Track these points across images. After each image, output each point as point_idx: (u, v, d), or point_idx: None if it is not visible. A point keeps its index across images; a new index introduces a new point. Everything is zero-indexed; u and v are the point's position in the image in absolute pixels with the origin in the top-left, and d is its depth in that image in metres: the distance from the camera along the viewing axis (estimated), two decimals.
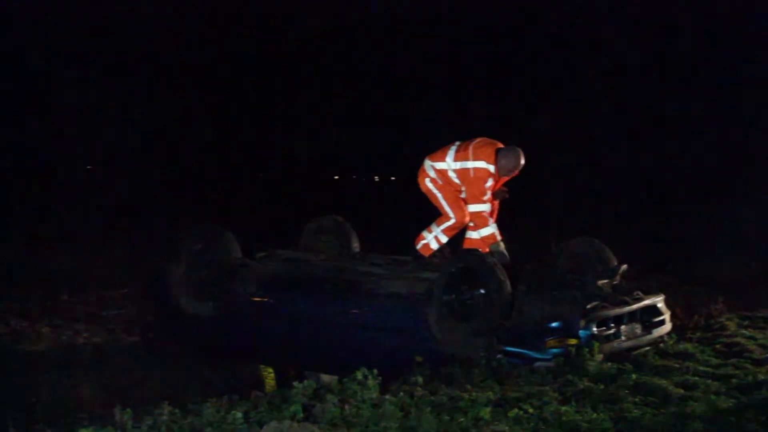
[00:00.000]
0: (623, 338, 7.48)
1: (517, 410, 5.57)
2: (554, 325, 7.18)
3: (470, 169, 8.08)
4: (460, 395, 5.90)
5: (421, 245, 8.52)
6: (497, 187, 8.25)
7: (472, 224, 8.29)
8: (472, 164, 8.08)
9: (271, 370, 8.70)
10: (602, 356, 7.02)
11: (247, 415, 5.23)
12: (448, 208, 8.37)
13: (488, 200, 8.14)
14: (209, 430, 5.01)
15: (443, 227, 8.43)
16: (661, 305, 7.94)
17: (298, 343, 8.26)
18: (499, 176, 8.16)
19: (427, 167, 8.39)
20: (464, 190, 8.25)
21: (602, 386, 6.26)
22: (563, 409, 5.65)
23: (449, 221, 8.39)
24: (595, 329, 7.19)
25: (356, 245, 9.30)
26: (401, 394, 5.85)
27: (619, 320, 7.48)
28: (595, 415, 5.58)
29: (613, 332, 7.39)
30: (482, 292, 7.11)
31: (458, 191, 8.32)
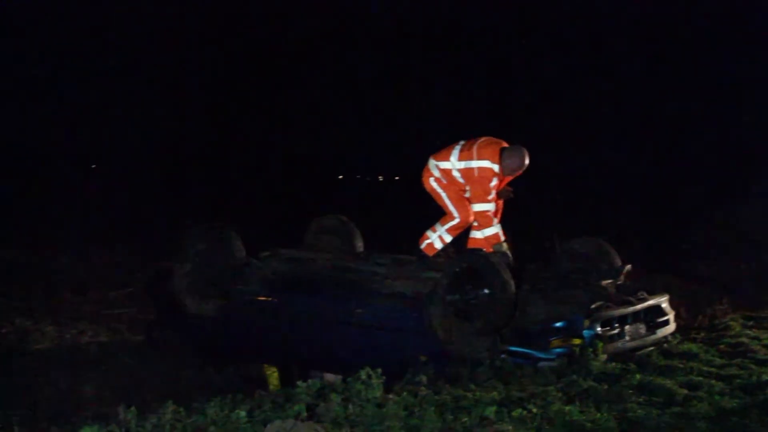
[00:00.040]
0: (627, 338, 7.48)
1: (521, 410, 5.57)
2: (558, 325, 7.18)
3: (474, 168, 8.07)
4: (464, 395, 5.90)
5: (425, 245, 8.50)
6: (502, 186, 8.24)
7: (476, 224, 8.28)
8: (476, 164, 8.06)
9: (275, 369, 8.70)
10: (606, 356, 7.03)
11: (251, 414, 5.23)
12: (452, 207, 8.35)
13: (493, 200, 8.13)
14: (213, 428, 5.01)
15: (447, 227, 8.42)
16: (665, 305, 7.93)
17: (301, 342, 8.27)
18: (503, 176, 8.14)
19: (431, 166, 8.38)
20: (469, 189, 8.24)
21: (606, 386, 6.26)
22: (567, 408, 5.65)
23: (453, 221, 8.38)
24: (599, 329, 7.19)
25: (360, 245, 9.28)
26: (405, 393, 5.85)
27: (623, 320, 7.48)
28: (599, 414, 5.58)
29: (617, 332, 7.39)
30: (486, 291, 7.09)
31: (462, 191, 8.31)
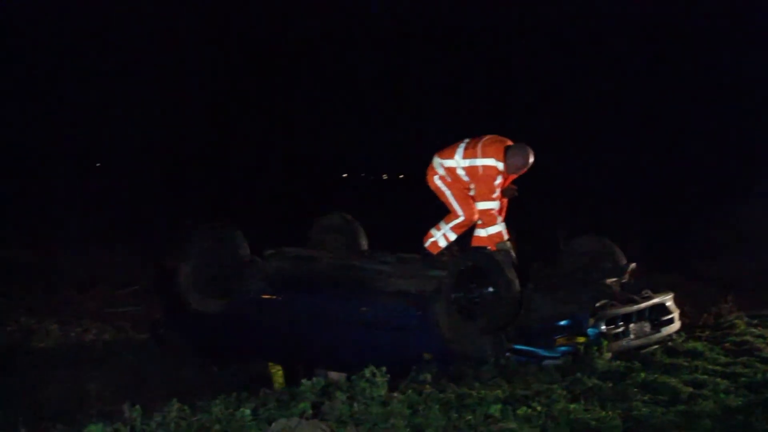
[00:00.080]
0: (632, 336, 7.47)
1: (525, 408, 5.56)
2: (563, 323, 7.18)
3: (479, 166, 8.05)
4: (468, 393, 5.89)
5: (429, 243, 8.49)
6: (506, 184, 8.22)
7: (480, 222, 8.27)
8: (480, 162, 8.04)
9: (279, 367, 8.70)
10: (611, 354, 7.02)
11: (255, 412, 5.22)
12: (456, 205, 8.33)
13: (497, 198, 8.10)
14: (218, 427, 5.01)
15: (452, 225, 8.40)
16: (670, 303, 7.92)
17: (306, 340, 8.26)
18: (507, 174, 8.12)
19: (436, 165, 8.36)
20: (473, 187, 8.22)
21: (611, 384, 6.26)
22: (572, 407, 5.64)
23: (458, 219, 8.36)
24: (603, 327, 7.18)
25: (364, 243, 9.27)
26: (410, 391, 5.84)
27: (627, 318, 7.47)
28: (603, 413, 5.57)
29: (621, 330, 7.38)
30: (491, 290, 7.09)
31: (467, 189, 8.29)
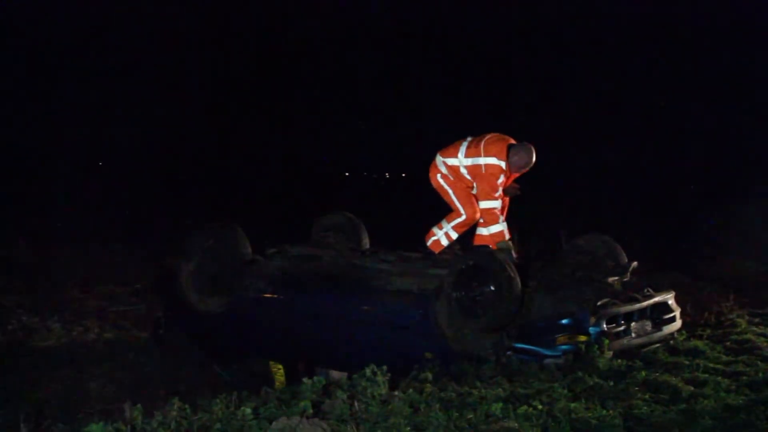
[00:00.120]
0: (633, 335, 7.46)
1: (526, 407, 5.56)
2: (564, 322, 7.17)
3: (482, 165, 8.04)
4: (469, 392, 5.89)
5: (431, 242, 8.49)
6: (508, 183, 8.22)
7: (482, 221, 8.26)
8: (483, 160, 8.03)
9: (280, 366, 8.69)
10: (612, 353, 7.01)
11: (256, 411, 5.23)
12: (459, 204, 8.33)
13: (499, 197, 8.10)
14: (219, 426, 5.01)
15: (454, 224, 8.40)
16: (671, 302, 7.91)
17: (307, 339, 8.26)
18: (510, 173, 8.12)
19: (438, 163, 8.35)
20: (475, 186, 8.22)
21: (612, 383, 6.25)
22: (573, 405, 5.64)
23: (460, 218, 8.36)
24: (605, 326, 7.17)
25: (366, 241, 9.28)
26: (410, 390, 5.84)
27: (629, 317, 7.46)
28: (604, 411, 5.57)
29: (623, 329, 7.37)
30: (492, 289, 7.08)
31: (470, 187, 8.28)
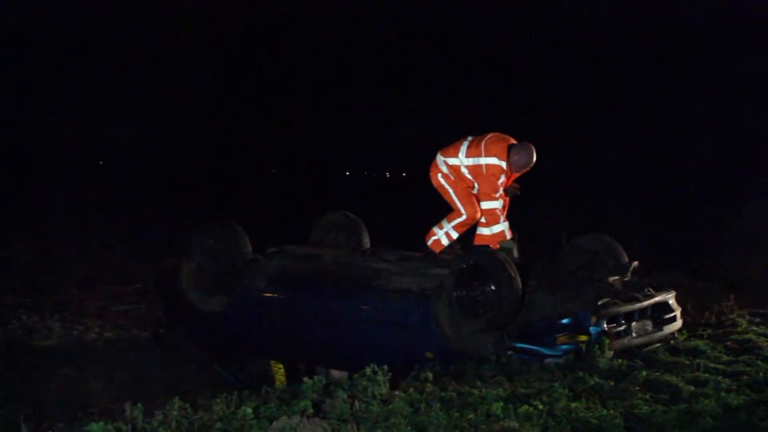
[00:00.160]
0: (634, 335, 7.45)
1: (527, 407, 5.56)
2: (565, 321, 7.16)
3: (482, 165, 8.04)
4: (469, 391, 5.89)
5: (431, 241, 8.49)
6: (509, 183, 8.22)
7: (483, 220, 8.26)
8: (484, 160, 8.03)
9: (281, 365, 8.70)
10: (612, 353, 7.01)
11: (257, 410, 5.22)
12: (459, 204, 8.33)
13: (500, 197, 8.10)
14: (219, 425, 5.01)
15: (454, 223, 8.40)
16: (672, 302, 7.91)
17: (307, 338, 8.27)
18: (510, 172, 8.12)
19: (439, 162, 8.35)
20: (476, 186, 8.21)
21: (612, 383, 6.25)
22: (573, 405, 5.64)
23: (461, 218, 8.36)
24: (605, 326, 7.16)
25: (366, 241, 9.28)
26: (411, 390, 5.84)
27: (629, 317, 7.45)
28: (605, 411, 5.57)
29: (623, 329, 7.36)
30: (493, 288, 7.08)
31: (470, 187, 8.28)
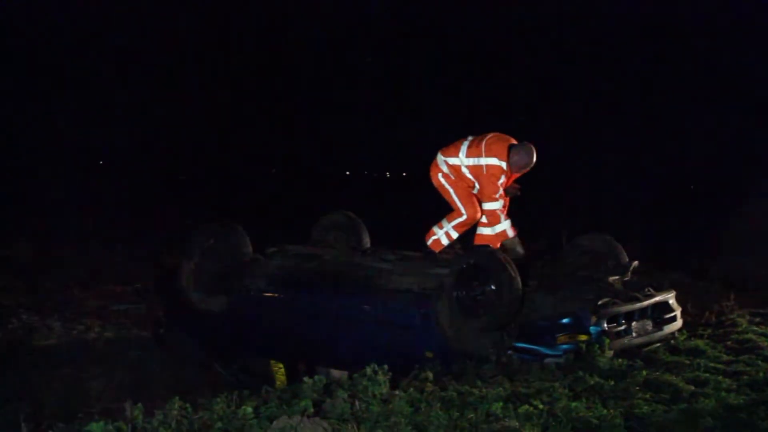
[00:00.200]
0: (634, 335, 7.45)
1: (527, 406, 5.56)
2: (565, 321, 7.16)
3: (483, 166, 8.03)
4: (470, 391, 5.89)
5: (431, 241, 8.48)
6: (509, 183, 8.22)
7: (484, 220, 8.25)
8: (484, 161, 8.02)
9: (281, 365, 8.69)
10: (613, 352, 7.01)
11: (257, 410, 5.23)
12: (460, 204, 8.33)
13: (501, 197, 8.10)
14: (220, 425, 5.01)
15: (454, 223, 8.39)
16: (672, 302, 7.91)
17: (308, 338, 8.26)
18: (511, 173, 8.12)
19: (440, 162, 8.34)
20: (477, 186, 8.21)
21: (612, 382, 6.25)
22: (573, 405, 5.63)
23: (461, 217, 8.35)
24: (605, 325, 7.16)
25: (367, 240, 9.28)
26: (411, 389, 5.85)
27: (630, 317, 7.45)
28: (605, 411, 5.57)
29: (623, 329, 7.36)
30: (493, 288, 7.08)
31: (471, 187, 8.27)
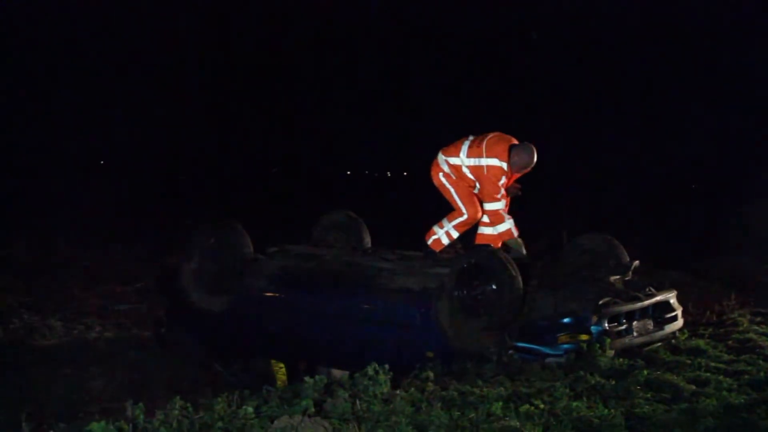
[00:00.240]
0: (635, 334, 7.45)
1: (528, 406, 5.56)
2: (566, 320, 7.16)
3: (484, 166, 8.03)
4: (471, 390, 5.89)
5: (432, 240, 8.48)
6: (510, 183, 8.22)
7: (485, 220, 8.26)
8: (485, 161, 8.03)
9: (282, 365, 8.69)
10: (614, 352, 7.01)
11: (258, 409, 5.23)
12: (460, 203, 8.33)
13: (502, 197, 8.11)
14: (220, 424, 5.01)
15: (455, 223, 8.39)
16: (673, 301, 7.90)
17: (309, 338, 8.26)
18: (511, 173, 8.12)
19: (440, 161, 8.34)
20: (478, 186, 8.21)
21: (613, 382, 6.25)
22: (574, 404, 5.64)
23: (462, 217, 8.35)
24: (606, 325, 7.16)
25: (368, 240, 9.28)
26: (412, 389, 5.85)
27: (630, 316, 7.44)
28: (606, 410, 5.57)
29: (624, 328, 7.36)
30: (494, 287, 7.07)
31: (472, 186, 8.27)
